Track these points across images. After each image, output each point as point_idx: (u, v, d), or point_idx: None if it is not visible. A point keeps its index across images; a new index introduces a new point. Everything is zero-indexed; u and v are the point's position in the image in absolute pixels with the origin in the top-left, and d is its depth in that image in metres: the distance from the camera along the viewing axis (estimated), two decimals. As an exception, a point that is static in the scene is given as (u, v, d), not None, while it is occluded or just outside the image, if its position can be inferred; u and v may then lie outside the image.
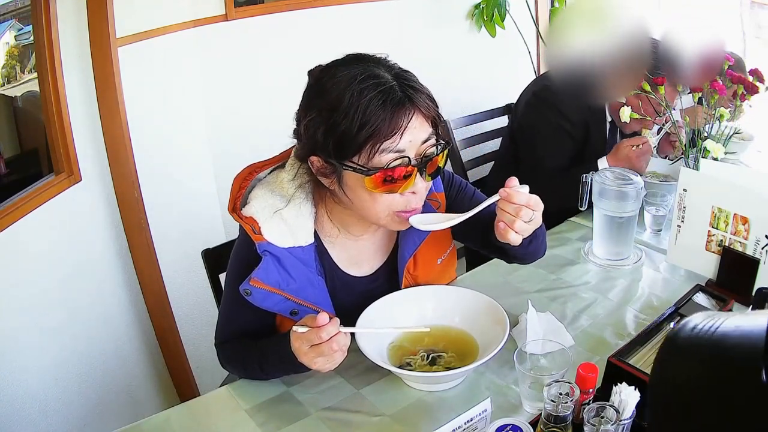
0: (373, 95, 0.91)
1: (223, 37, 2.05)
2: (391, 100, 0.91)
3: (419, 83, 0.97)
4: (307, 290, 1.05)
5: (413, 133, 0.94)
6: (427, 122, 0.96)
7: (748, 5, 2.95)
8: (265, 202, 1.03)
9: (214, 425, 1.02)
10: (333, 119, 0.92)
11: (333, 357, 0.93)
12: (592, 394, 0.87)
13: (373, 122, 0.90)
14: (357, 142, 0.92)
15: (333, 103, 0.92)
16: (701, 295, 1.16)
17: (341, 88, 0.92)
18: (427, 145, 0.97)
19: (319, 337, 0.90)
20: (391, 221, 1.02)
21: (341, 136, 0.92)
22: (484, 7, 2.64)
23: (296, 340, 0.94)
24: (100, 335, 1.66)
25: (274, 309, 1.04)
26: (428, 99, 0.96)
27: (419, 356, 1.07)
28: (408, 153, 0.94)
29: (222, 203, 2.19)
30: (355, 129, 0.91)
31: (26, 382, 1.38)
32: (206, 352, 2.05)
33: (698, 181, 1.27)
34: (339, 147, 0.93)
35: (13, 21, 1.37)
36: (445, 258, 1.21)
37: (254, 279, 1.00)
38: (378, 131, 0.91)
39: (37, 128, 1.48)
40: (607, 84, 1.66)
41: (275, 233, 1.02)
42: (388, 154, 0.93)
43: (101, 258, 1.69)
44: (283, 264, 1.02)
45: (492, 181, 2.10)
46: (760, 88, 1.50)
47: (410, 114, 0.93)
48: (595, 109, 1.78)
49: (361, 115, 0.90)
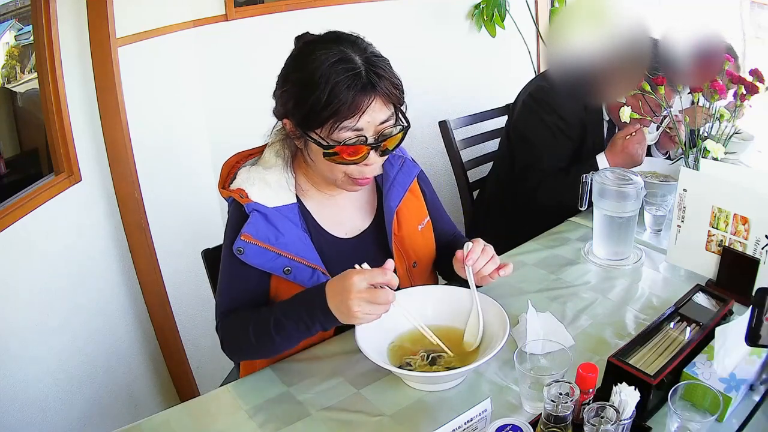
0: (340, 78, 1.00)
1: (223, 37, 2.05)
2: (355, 85, 1.00)
3: (387, 69, 1.05)
4: (297, 245, 1.11)
5: (372, 115, 1.03)
6: (387, 105, 1.05)
7: (748, 5, 2.95)
8: (250, 174, 1.13)
9: (214, 425, 1.02)
10: (303, 94, 1.03)
11: (378, 309, 0.97)
12: (592, 394, 0.87)
13: (336, 102, 1.00)
14: (321, 118, 1.02)
15: (305, 80, 1.02)
16: (701, 295, 1.16)
17: (314, 67, 1.02)
18: (386, 125, 1.06)
19: (384, 275, 0.96)
20: (345, 184, 1.12)
21: (308, 111, 1.03)
22: (484, 7, 2.64)
23: (357, 275, 0.97)
24: (100, 335, 1.66)
25: (268, 267, 1.10)
26: (392, 85, 1.04)
27: (419, 356, 1.07)
28: (366, 132, 1.04)
29: (222, 203, 2.19)
30: (320, 106, 1.01)
31: (26, 382, 1.38)
32: (206, 352, 2.05)
33: (698, 181, 1.27)
34: (305, 119, 1.04)
35: (13, 21, 1.37)
36: (423, 226, 1.28)
37: (245, 234, 1.07)
38: (339, 111, 1.00)
39: (37, 128, 1.48)
40: (606, 84, 1.66)
41: (261, 195, 1.11)
42: (347, 132, 1.03)
43: (101, 258, 1.69)
44: (271, 221, 1.10)
45: (491, 181, 2.10)
46: (760, 88, 1.50)
47: (371, 98, 1.01)
48: (592, 109, 1.78)
49: (327, 94, 1.00)
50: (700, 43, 1.72)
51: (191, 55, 2.00)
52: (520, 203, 1.85)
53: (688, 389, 0.90)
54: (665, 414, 0.89)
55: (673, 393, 0.86)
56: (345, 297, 0.96)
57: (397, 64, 1.09)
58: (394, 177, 1.22)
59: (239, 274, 1.12)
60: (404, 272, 1.24)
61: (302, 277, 1.12)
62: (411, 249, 1.25)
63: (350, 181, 1.11)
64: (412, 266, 1.26)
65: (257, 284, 1.14)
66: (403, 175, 1.24)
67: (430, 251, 1.30)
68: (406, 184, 1.24)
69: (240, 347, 1.12)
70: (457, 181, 2.19)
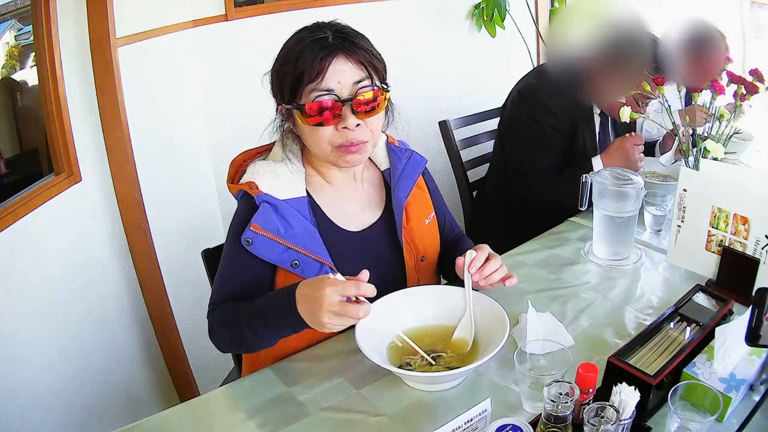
0: (306, 44, 1.04)
1: (223, 37, 2.05)
2: (318, 48, 1.03)
3: (357, 35, 1.08)
4: (306, 238, 1.11)
5: (340, 76, 1.04)
6: (358, 66, 1.06)
7: (748, 5, 2.95)
8: (260, 167, 1.14)
9: (214, 425, 1.01)
10: (279, 69, 1.09)
11: (349, 322, 0.96)
12: (592, 394, 0.87)
13: (300, 66, 1.03)
14: (293, 86, 1.05)
15: (281, 57, 1.09)
16: (701, 295, 1.16)
17: (288, 45, 1.08)
18: (361, 86, 1.06)
19: (358, 288, 0.94)
20: (336, 158, 1.11)
21: (282, 82, 1.08)
22: (484, 7, 2.64)
23: (329, 286, 0.94)
24: (100, 335, 1.66)
25: (275, 259, 1.09)
26: (358, 47, 1.06)
27: (419, 356, 1.07)
28: (338, 92, 1.05)
29: (222, 204, 2.19)
30: (289, 74, 1.05)
31: (26, 382, 1.38)
32: (206, 352, 2.05)
33: (698, 181, 1.27)
34: (283, 92, 1.08)
35: (13, 21, 1.37)
36: (430, 221, 1.29)
37: (254, 224, 1.07)
38: (304, 73, 1.03)
39: (37, 128, 1.48)
40: (606, 84, 1.66)
41: (272, 186, 1.11)
42: (316, 93, 1.04)
43: (101, 258, 1.69)
44: (280, 212, 1.10)
45: (488, 181, 2.10)
46: (760, 88, 1.50)
47: (333, 57, 1.03)
48: (581, 104, 1.78)
49: (293, 62, 1.04)
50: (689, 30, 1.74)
51: (191, 55, 2.00)
52: (517, 202, 1.85)
53: (688, 389, 0.90)
54: (665, 414, 0.89)
55: (673, 393, 0.86)
56: (315, 307, 0.95)
57: (397, 64, 1.09)
58: (402, 169, 1.23)
59: (240, 265, 1.12)
60: (413, 266, 1.24)
61: (310, 271, 1.11)
62: (419, 243, 1.25)
63: (339, 154, 1.09)
64: (420, 260, 1.25)
65: (256, 277, 1.13)
66: (411, 166, 1.24)
67: (437, 246, 1.30)
68: (414, 175, 1.24)
69: (221, 340, 1.14)
70: (457, 181, 2.19)
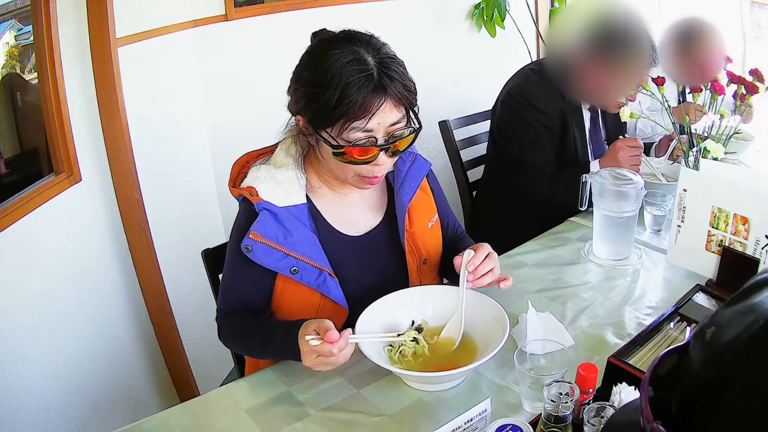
0: (352, 79, 1.00)
1: (223, 37, 2.05)
2: (366, 86, 1.00)
3: (399, 71, 1.05)
4: (305, 246, 1.12)
5: (382, 117, 1.03)
6: (398, 107, 1.05)
7: (748, 5, 2.95)
8: (261, 172, 1.14)
9: (214, 425, 1.02)
10: (314, 93, 1.03)
11: (336, 365, 1.00)
12: (592, 394, 0.87)
13: (347, 103, 1.00)
14: (331, 118, 1.02)
15: (318, 79, 1.02)
16: (701, 295, 1.16)
17: (326, 67, 1.01)
18: (397, 126, 1.06)
19: (330, 352, 0.96)
20: (356, 183, 1.12)
21: (319, 110, 1.03)
22: (484, 7, 2.64)
23: (305, 346, 0.99)
24: (100, 335, 1.66)
25: (274, 266, 1.10)
26: (404, 88, 1.04)
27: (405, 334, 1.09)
28: (376, 133, 1.04)
29: (222, 204, 2.19)
30: (330, 106, 1.01)
31: (26, 382, 1.38)
32: (206, 352, 2.05)
33: (698, 181, 1.27)
34: (316, 118, 1.04)
35: (13, 21, 1.37)
36: (433, 223, 1.28)
37: (253, 232, 1.08)
38: (349, 111, 1.00)
39: (37, 128, 1.48)
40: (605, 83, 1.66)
41: (271, 194, 1.11)
42: (357, 133, 1.03)
43: (101, 258, 1.69)
44: (280, 220, 1.10)
45: (487, 182, 2.10)
46: (760, 88, 1.50)
47: (381, 101, 1.01)
48: (569, 100, 1.78)
49: (338, 95, 0.99)
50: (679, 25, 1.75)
51: (191, 55, 2.00)
52: (515, 202, 1.85)
53: (688, 389, 0.90)
54: (665, 414, 0.89)
55: (673, 393, 0.86)
56: (304, 358, 1.00)
57: (397, 63, 1.09)
58: (406, 173, 1.22)
59: (242, 271, 1.14)
60: (415, 269, 1.24)
61: (309, 277, 1.12)
62: (422, 245, 1.25)
63: (361, 180, 1.11)
64: (423, 263, 1.26)
65: (259, 283, 1.15)
66: (415, 170, 1.24)
67: (439, 249, 1.30)
68: (418, 179, 1.23)
69: (229, 344, 1.21)
70: (457, 180, 2.19)
